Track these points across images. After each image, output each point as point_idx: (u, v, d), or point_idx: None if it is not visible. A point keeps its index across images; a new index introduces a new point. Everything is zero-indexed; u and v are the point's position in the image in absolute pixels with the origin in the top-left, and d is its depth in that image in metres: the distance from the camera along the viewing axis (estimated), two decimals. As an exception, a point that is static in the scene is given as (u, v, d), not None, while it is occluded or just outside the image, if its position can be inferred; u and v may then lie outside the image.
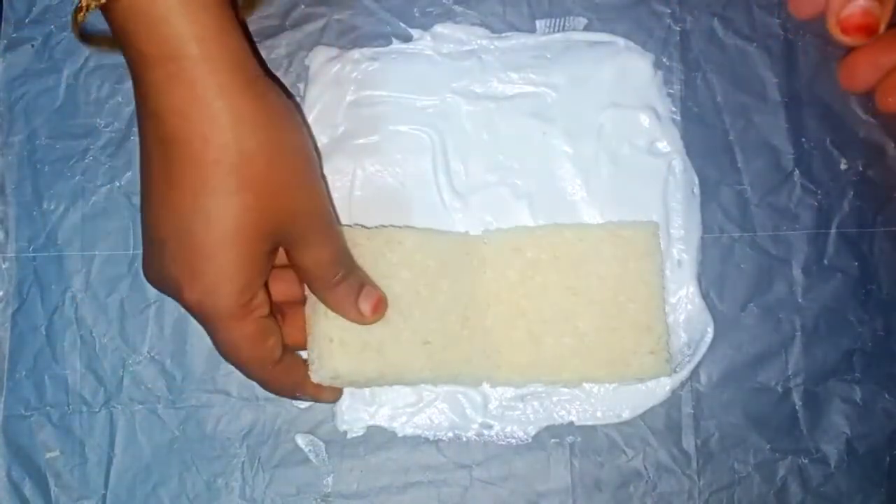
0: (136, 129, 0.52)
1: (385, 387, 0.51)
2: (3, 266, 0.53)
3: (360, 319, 0.48)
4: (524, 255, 0.51)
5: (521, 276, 0.51)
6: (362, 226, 0.51)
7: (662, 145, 0.53)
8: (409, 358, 0.49)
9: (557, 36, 0.54)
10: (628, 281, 0.50)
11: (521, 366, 0.50)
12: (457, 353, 0.50)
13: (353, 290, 0.47)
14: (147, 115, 0.42)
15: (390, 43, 0.54)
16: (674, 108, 0.53)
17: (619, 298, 0.50)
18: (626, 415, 0.51)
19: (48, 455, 0.51)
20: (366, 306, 0.47)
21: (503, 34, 0.54)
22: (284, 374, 0.47)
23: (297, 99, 0.54)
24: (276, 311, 0.47)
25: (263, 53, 0.54)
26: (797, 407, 0.52)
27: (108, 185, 0.53)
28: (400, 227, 0.51)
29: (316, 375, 0.48)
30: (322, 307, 0.49)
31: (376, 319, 0.48)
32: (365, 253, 0.49)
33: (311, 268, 0.46)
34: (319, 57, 0.54)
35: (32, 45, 0.54)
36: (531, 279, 0.50)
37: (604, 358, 0.50)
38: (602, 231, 0.51)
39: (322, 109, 0.53)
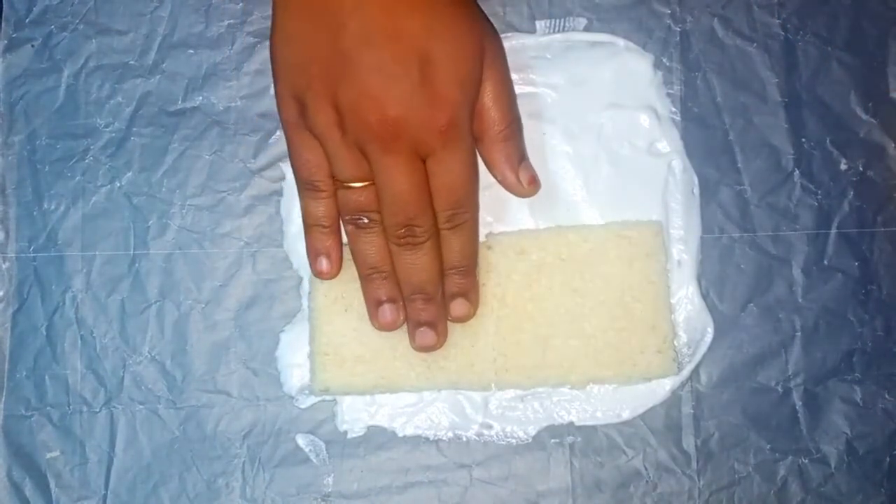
0: (136, 129, 0.52)
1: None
2: (4, 266, 0.53)
3: (517, 187, 0.49)
4: (529, 258, 0.51)
5: (527, 278, 0.51)
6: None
7: (662, 145, 0.53)
8: (406, 369, 0.50)
9: (557, 36, 0.54)
10: (633, 281, 0.50)
11: (528, 369, 0.50)
12: (458, 361, 0.50)
13: (518, 153, 0.49)
14: None
15: (390, 43, 0.54)
16: (674, 109, 0.53)
17: (624, 299, 0.50)
18: (626, 415, 0.51)
19: (48, 455, 0.51)
20: (525, 175, 0.49)
21: (503, 34, 0.53)
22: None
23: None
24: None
25: (264, 54, 0.54)
26: (797, 407, 0.52)
27: (109, 186, 0.53)
28: None
29: (311, 388, 0.51)
30: (320, 321, 0.50)
31: (530, 193, 0.50)
32: None
33: (490, 107, 0.48)
34: (320, 57, 0.54)
35: (32, 45, 0.54)
36: (536, 282, 0.51)
37: (611, 359, 0.50)
38: (606, 232, 0.51)
39: (322, 109, 0.53)
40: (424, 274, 0.48)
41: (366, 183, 0.47)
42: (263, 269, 0.53)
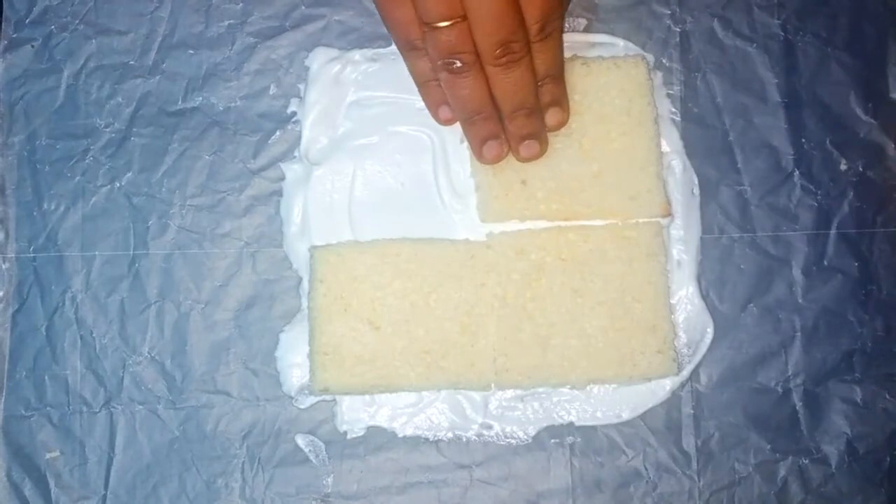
0: (136, 129, 0.52)
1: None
2: (4, 266, 0.53)
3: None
4: (529, 258, 0.51)
5: (527, 278, 0.51)
6: (357, 240, 0.52)
7: (662, 145, 0.53)
8: (406, 368, 0.50)
9: (557, 36, 0.54)
10: (633, 281, 0.51)
11: (528, 369, 0.50)
12: (458, 361, 0.50)
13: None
14: None
15: (390, 44, 0.54)
16: (674, 109, 0.53)
17: (624, 299, 0.50)
18: (626, 415, 0.51)
19: (48, 455, 0.51)
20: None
21: (503, 34, 0.54)
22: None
23: (298, 100, 0.54)
24: None
25: (264, 54, 0.54)
26: (797, 407, 0.52)
27: (108, 186, 0.53)
28: (394, 240, 0.52)
29: (311, 387, 0.51)
30: (319, 321, 0.50)
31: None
32: (358, 266, 0.50)
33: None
34: (320, 58, 0.54)
35: (32, 46, 0.54)
36: (537, 281, 0.51)
37: (611, 359, 0.50)
38: (606, 232, 0.51)
39: (322, 110, 0.53)
40: (526, 88, 0.48)
41: (453, 20, 0.46)
42: (263, 269, 0.53)
